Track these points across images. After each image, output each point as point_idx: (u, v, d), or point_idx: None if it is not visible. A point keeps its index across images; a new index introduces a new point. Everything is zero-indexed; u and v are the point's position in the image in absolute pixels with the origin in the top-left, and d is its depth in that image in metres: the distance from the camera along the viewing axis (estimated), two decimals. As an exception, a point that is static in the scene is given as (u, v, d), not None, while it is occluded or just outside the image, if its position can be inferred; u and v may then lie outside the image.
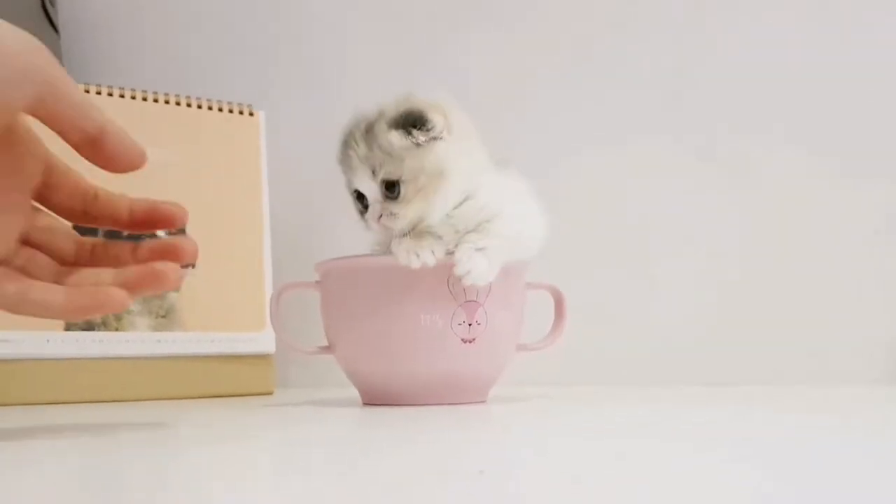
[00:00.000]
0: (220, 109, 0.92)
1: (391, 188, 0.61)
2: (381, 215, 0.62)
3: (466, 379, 0.65)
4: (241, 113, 0.93)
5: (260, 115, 0.95)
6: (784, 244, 0.96)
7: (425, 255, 0.60)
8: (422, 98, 0.63)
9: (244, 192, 0.92)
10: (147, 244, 0.45)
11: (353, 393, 0.70)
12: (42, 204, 0.45)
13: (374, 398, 0.67)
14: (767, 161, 0.97)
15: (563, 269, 0.75)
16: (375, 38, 1.11)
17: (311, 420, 0.57)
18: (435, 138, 0.61)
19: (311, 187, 1.01)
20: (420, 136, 0.61)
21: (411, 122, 0.61)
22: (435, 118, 0.61)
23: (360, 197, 0.64)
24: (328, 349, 0.68)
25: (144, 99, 0.88)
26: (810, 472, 0.31)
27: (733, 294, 0.97)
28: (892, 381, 0.90)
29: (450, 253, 0.61)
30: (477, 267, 0.60)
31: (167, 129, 0.89)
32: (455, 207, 0.63)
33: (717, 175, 0.98)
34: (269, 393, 0.88)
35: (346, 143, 0.64)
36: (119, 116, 0.84)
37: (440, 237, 0.62)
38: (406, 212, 0.61)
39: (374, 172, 0.61)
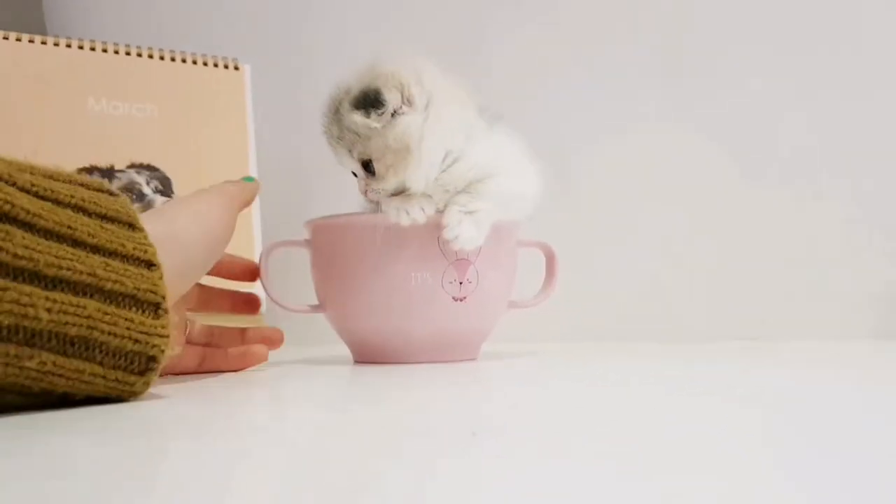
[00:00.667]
0: (205, 63, 0.91)
1: (367, 167, 0.62)
2: (366, 190, 0.63)
3: (457, 337, 0.65)
4: (226, 67, 0.92)
5: (245, 70, 0.94)
6: (775, 197, 0.96)
7: (415, 213, 0.60)
8: (383, 69, 0.61)
9: (230, 149, 0.91)
10: (253, 331, 0.67)
11: (344, 351, 0.71)
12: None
13: (365, 356, 0.67)
14: (757, 115, 0.97)
15: (555, 226, 0.75)
16: (363, -12, 1.09)
17: (302, 377, 0.57)
18: (395, 114, 0.60)
19: (299, 143, 1.01)
20: (374, 121, 0.60)
21: (370, 102, 0.60)
22: (390, 96, 0.60)
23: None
24: (319, 308, 0.68)
25: (128, 53, 0.87)
26: (807, 421, 0.31)
27: (724, 249, 0.97)
28: (883, 336, 0.91)
29: (440, 211, 0.61)
30: (465, 232, 0.60)
31: (151, 83, 0.88)
32: (443, 170, 0.62)
33: (706, 129, 0.98)
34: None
35: (324, 122, 0.64)
36: (102, 71, 0.85)
37: (430, 196, 0.62)
38: (384, 187, 0.62)
39: (350, 152, 0.62)
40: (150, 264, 0.42)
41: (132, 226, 0.43)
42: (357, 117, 0.60)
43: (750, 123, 0.97)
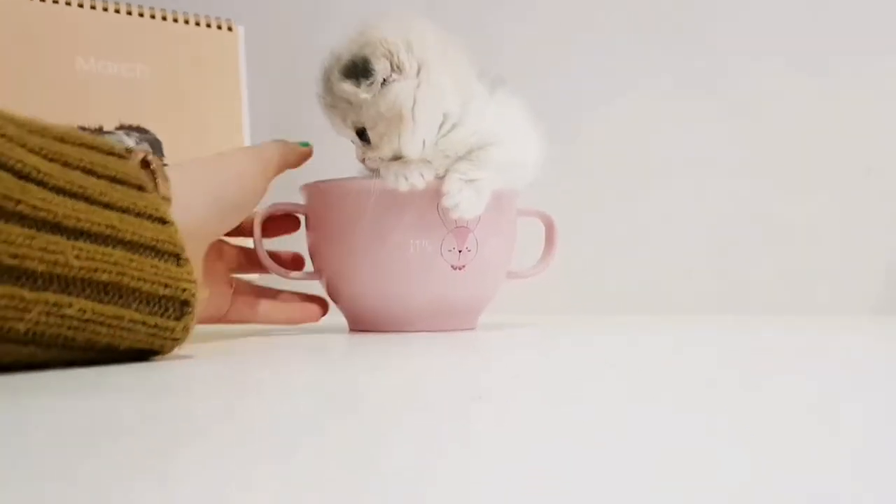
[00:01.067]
0: (198, 24, 0.89)
1: (362, 134, 0.61)
2: (363, 158, 0.63)
3: (455, 306, 0.64)
4: (219, 28, 0.90)
5: (239, 31, 0.92)
6: (780, 173, 0.95)
7: (414, 178, 0.59)
8: (371, 36, 0.59)
9: (222, 112, 0.90)
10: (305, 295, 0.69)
11: (339, 320, 0.70)
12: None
13: (361, 324, 0.66)
14: (765, 93, 0.96)
15: (557, 196, 0.74)
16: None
17: (297, 346, 0.56)
18: (385, 82, 0.59)
19: (293, 107, 0.99)
20: (364, 90, 0.58)
21: (359, 71, 0.59)
22: (378, 65, 0.58)
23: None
24: (314, 275, 0.67)
25: (118, 11, 0.85)
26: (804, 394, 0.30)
27: (729, 224, 0.96)
28: (887, 311, 0.90)
29: (440, 178, 0.60)
30: (466, 200, 0.59)
31: (143, 43, 0.86)
32: (442, 136, 0.61)
33: (715, 105, 0.97)
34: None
35: (319, 89, 0.63)
36: (92, 30, 0.83)
37: (429, 162, 0.61)
38: (380, 155, 0.61)
39: (343, 120, 0.61)
40: (164, 221, 0.44)
41: (141, 188, 0.44)
42: (347, 86, 0.59)
43: (755, 97, 0.96)
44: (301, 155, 0.63)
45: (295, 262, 0.69)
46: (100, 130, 0.84)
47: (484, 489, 0.17)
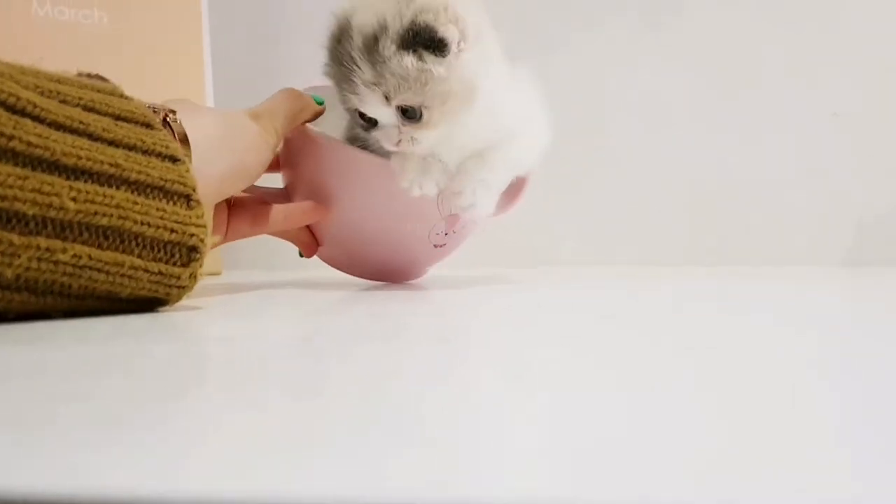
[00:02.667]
0: (157, -33, 0.88)
1: (411, 114, 0.55)
2: (399, 140, 0.56)
3: (422, 269, 0.67)
4: (179, -29, 0.90)
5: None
6: (751, 125, 0.97)
7: (428, 187, 0.57)
8: (427, 1, 0.54)
9: (184, 60, 0.89)
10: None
11: (305, 276, 0.71)
12: None
13: (322, 256, 0.67)
14: (731, 44, 0.97)
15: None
16: None
17: (264, 297, 0.58)
18: (457, 52, 0.54)
19: (258, 55, 0.99)
20: (436, 65, 0.53)
21: (423, 42, 0.53)
22: (448, 33, 0.53)
23: (363, 115, 0.57)
24: (284, 197, 0.65)
25: (72, -46, 0.84)
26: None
27: (699, 175, 0.98)
28: (857, 262, 0.93)
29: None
30: (480, 202, 0.57)
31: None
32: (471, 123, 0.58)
33: (679, 54, 0.98)
34: (218, 273, 0.89)
35: (338, 60, 0.56)
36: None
37: (445, 163, 0.58)
38: (431, 136, 0.56)
39: (387, 98, 0.54)
40: (174, 158, 0.42)
41: (149, 125, 0.42)
42: (409, 60, 0.53)
43: (729, 50, 0.97)
44: (315, 114, 0.60)
45: (314, 212, 0.63)
46: (56, 78, 0.83)
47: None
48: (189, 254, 0.42)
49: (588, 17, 1.01)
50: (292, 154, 0.62)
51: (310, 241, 0.63)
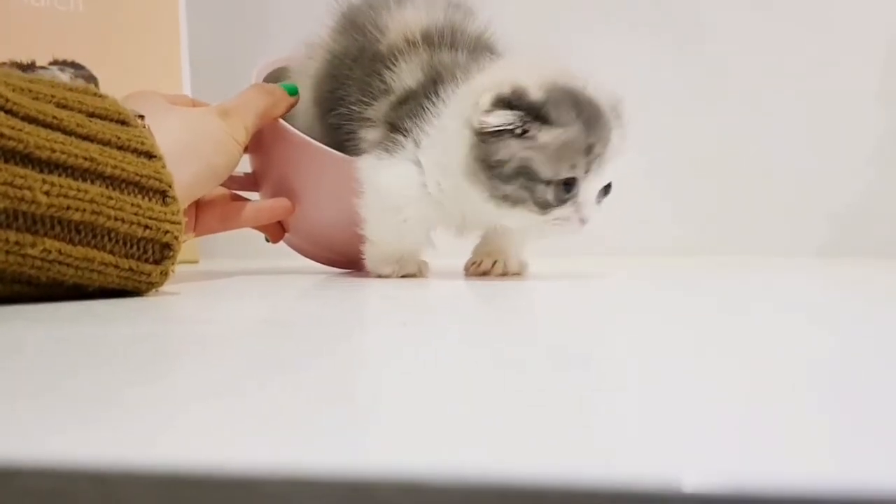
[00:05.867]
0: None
1: (606, 190, 0.57)
2: (584, 217, 0.56)
3: None
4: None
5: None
6: (728, 118, 1.01)
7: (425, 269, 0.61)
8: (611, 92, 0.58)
9: (160, 47, 0.92)
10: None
11: (280, 264, 0.74)
12: None
13: (289, 243, 0.70)
14: (716, 35, 1.01)
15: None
16: None
17: (240, 284, 0.61)
18: None
19: (235, 42, 1.02)
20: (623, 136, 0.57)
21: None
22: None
23: (566, 185, 0.54)
24: (251, 184, 0.69)
25: (48, -60, 0.87)
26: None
27: (678, 168, 1.02)
28: (833, 253, 0.97)
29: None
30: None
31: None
32: None
33: (665, 47, 1.02)
34: (195, 262, 0.92)
35: (600, 125, 0.54)
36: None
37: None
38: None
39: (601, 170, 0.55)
40: (150, 154, 0.43)
41: (124, 122, 0.44)
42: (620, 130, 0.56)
43: (706, 37, 1.01)
44: (289, 105, 0.62)
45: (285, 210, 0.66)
46: (32, 65, 0.86)
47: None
48: (162, 250, 0.43)
49: (587, 14, 1.04)
50: (262, 143, 0.64)
51: (277, 229, 0.67)
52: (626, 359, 0.27)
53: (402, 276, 0.59)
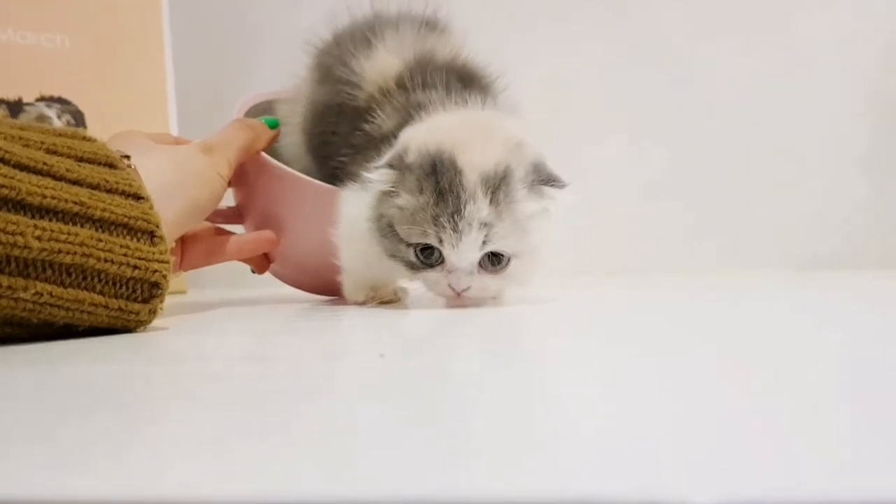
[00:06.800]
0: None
1: (496, 260, 0.55)
2: (467, 287, 0.55)
3: None
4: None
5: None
6: (705, 134, 1.04)
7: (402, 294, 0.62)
8: (537, 152, 0.57)
9: (146, 81, 0.94)
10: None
11: (268, 292, 0.76)
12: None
13: (274, 273, 0.72)
14: (693, 53, 1.03)
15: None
16: None
17: (226, 317, 0.63)
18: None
19: (220, 74, 1.04)
20: (550, 200, 0.56)
21: (543, 179, 0.55)
22: (562, 183, 0.56)
23: (425, 250, 0.55)
24: (236, 217, 0.71)
25: (34, -22, 0.89)
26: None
27: (655, 184, 1.04)
28: (811, 267, 1.00)
29: None
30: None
31: (63, 12, 0.90)
32: None
33: (643, 66, 1.04)
34: (184, 293, 0.94)
35: (448, 191, 0.53)
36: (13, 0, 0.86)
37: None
38: (497, 287, 0.57)
39: (485, 242, 0.54)
40: (138, 196, 0.45)
41: (112, 165, 0.45)
42: (531, 200, 0.55)
43: (692, 66, 1.04)
44: (270, 138, 0.64)
45: (271, 242, 0.68)
46: (19, 102, 0.87)
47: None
48: (151, 290, 0.45)
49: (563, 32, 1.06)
50: (245, 177, 0.66)
51: (262, 261, 0.69)
52: (624, 380, 0.29)
53: (380, 304, 0.61)
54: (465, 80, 0.61)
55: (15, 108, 0.87)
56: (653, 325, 0.49)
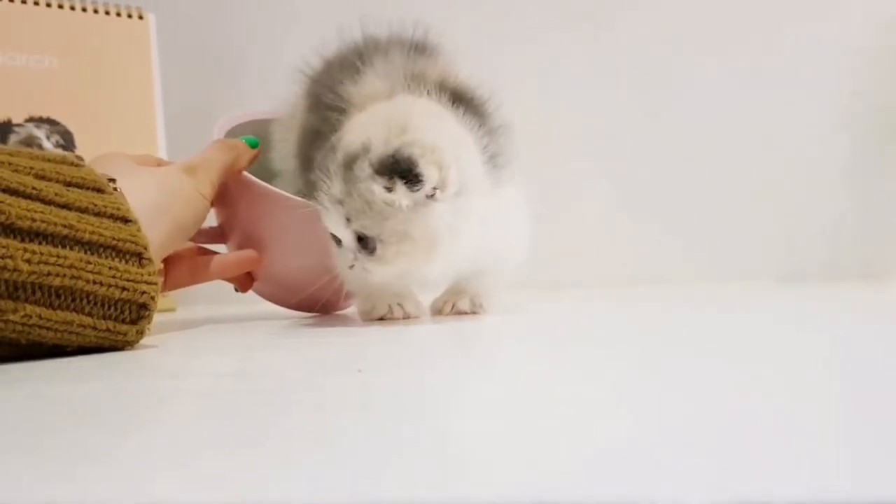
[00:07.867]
0: (108, 13, 0.95)
1: (365, 244, 0.56)
2: (352, 265, 0.57)
3: (349, 301, 0.72)
4: (129, 16, 0.96)
5: (150, 18, 0.98)
6: (685, 145, 1.05)
7: (409, 309, 0.62)
8: (421, 138, 0.54)
9: (134, 101, 0.96)
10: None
11: (254, 309, 0.77)
12: None
13: (257, 291, 0.74)
14: (673, 65, 1.05)
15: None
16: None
17: (213, 334, 0.64)
18: (428, 197, 0.54)
19: (207, 95, 1.05)
20: (404, 198, 0.53)
21: (399, 172, 0.53)
22: (427, 172, 0.53)
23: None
24: (219, 237, 0.72)
25: (24, 2, 0.90)
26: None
27: (635, 196, 1.06)
28: (793, 278, 1.01)
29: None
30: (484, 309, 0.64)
31: (52, 33, 0.91)
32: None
33: (624, 82, 1.06)
34: (173, 310, 0.95)
35: (322, 172, 0.56)
36: (2, 21, 0.88)
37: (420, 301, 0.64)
38: (383, 272, 0.57)
39: (348, 220, 0.55)
40: (126, 219, 0.46)
41: (100, 190, 0.47)
42: (378, 188, 0.54)
43: (676, 69, 1.05)
44: (250, 159, 0.65)
45: (253, 262, 0.69)
46: (8, 123, 0.89)
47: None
48: (139, 311, 0.46)
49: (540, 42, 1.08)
50: (227, 196, 0.67)
51: (245, 279, 0.71)
52: (617, 386, 0.30)
53: (390, 319, 0.61)
54: (455, 101, 0.61)
55: (4, 128, 0.88)
56: (638, 335, 0.50)
